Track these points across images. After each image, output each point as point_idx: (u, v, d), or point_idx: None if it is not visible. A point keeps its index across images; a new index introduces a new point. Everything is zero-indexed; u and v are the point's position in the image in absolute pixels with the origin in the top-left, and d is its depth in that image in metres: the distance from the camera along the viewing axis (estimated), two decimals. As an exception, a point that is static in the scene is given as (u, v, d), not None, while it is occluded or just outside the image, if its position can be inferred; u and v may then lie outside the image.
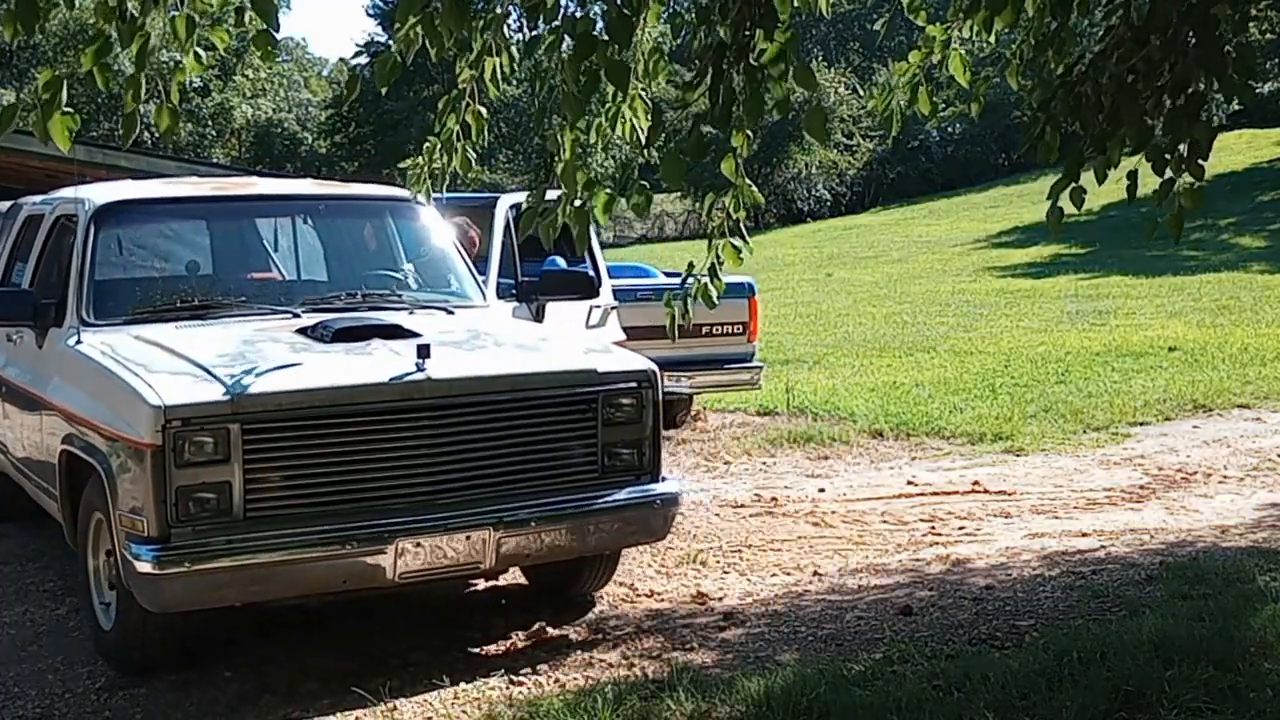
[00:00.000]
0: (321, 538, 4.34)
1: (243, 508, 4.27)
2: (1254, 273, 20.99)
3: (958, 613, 5.12)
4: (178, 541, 4.21)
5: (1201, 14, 3.53)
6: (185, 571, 4.20)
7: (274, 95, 58.29)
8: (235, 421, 4.24)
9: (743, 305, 9.22)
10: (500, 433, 4.66)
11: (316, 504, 4.38)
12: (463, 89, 4.42)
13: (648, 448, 4.96)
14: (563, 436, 4.81)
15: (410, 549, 4.42)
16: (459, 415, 4.59)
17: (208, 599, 4.37)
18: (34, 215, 6.59)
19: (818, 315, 18.11)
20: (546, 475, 4.76)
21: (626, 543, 5.30)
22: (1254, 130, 37.01)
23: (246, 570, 4.27)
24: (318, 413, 4.37)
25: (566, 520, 4.77)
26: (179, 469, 4.19)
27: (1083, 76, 3.80)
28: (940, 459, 8.28)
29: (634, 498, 4.91)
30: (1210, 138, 3.69)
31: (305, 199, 6.55)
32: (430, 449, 4.53)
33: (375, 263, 6.19)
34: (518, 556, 4.79)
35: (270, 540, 4.29)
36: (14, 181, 10.78)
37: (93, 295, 5.31)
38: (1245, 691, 3.97)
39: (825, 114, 4.30)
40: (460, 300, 5.91)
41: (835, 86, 46.72)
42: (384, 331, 4.95)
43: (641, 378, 4.95)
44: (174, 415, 4.19)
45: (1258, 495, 7.10)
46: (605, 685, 4.28)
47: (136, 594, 4.34)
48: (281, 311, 5.38)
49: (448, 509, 4.53)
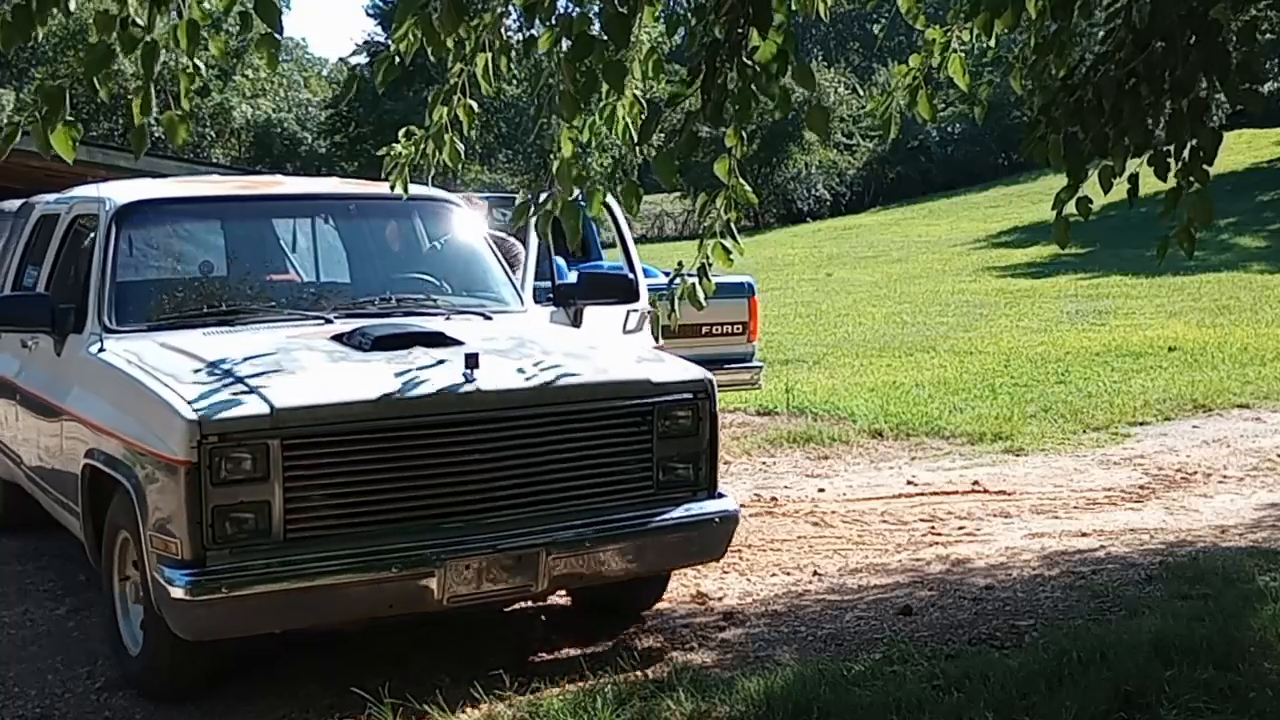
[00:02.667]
0: (367, 560, 4.12)
1: (283, 528, 4.05)
2: (1254, 273, 20.99)
3: (958, 613, 5.12)
4: (214, 565, 3.98)
5: (1202, 16, 3.52)
6: (222, 598, 3.97)
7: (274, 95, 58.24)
8: (275, 437, 4.01)
9: (742, 305, 9.20)
10: (552, 447, 4.44)
11: (360, 524, 4.16)
12: (454, 83, 4.38)
13: (704, 462, 4.73)
14: (616, 450, 4.59)
15: (460, 572, 4.22)
16: (509, 429, 4.36)
17: (246, 626, 4.14)
18: (48, 215, 6.37)
19: (817, 315, 18.11)
20: (599, 492, 4.54)
21: (683, 563, 5.14)
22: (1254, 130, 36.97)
23: (288, 596, 4.05)
24: (362, 427, 4.15)
25: (622, 540, 4.55)
26: (215, 488, 3.96)
27: (1084, 80, 3.79)
28: (940, 459, 8.28)
29: (691, 515, 4.68)
30: (1215, 143, 3.65)
31: (333, 198, 6.26)
32: (479, 464, 4.32)
33: (406, 265, 5.99)
34: (571, 579, 4.56)
35: (313, 563, 4.06)
36: (14, 181, 10.78)
37: (114, 300, 5.08)
38: (1245, 691, 3.97)
39: (827, 112, 4.27)
40: (497, 305, 5.67)
41: (835, 86, 46.70)
42: (426, 339, 4.74)
43: (698, 388, 4.73)
44: (210, 430, 3.96)
45: (1257, 495, 7.10)
46: (605, 685, 4.28)
47: (169, 620, 4.10)
48: (313, 317, 5.17)
49: (498, 528, 4.32)
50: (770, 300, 16.15)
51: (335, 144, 56.73)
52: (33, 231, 6.52)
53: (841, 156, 47.50)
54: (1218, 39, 3.54)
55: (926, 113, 4.48)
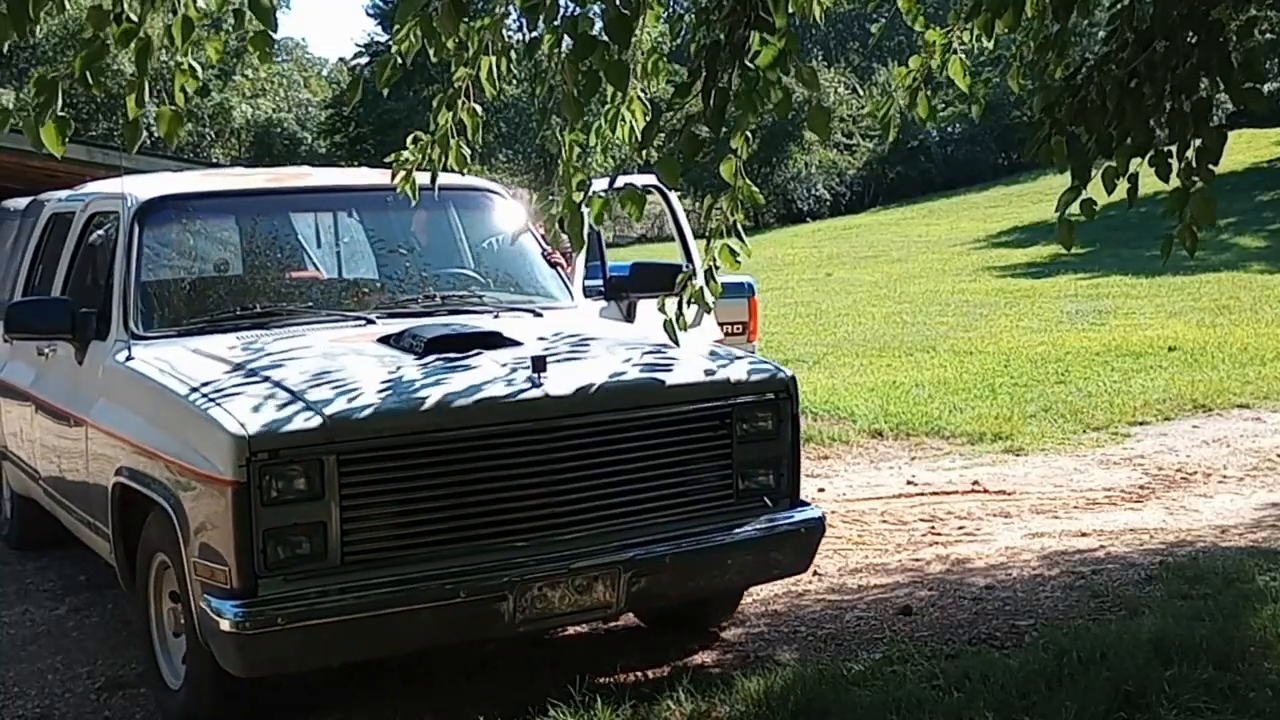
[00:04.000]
0: (433, 585, 3.80)
1: (340, 551, 3.72)
2: (1254, 272, 20.97)
3: (958, 612, 5.13)
4: (266, 593, 3.65)
5: (1203, 16, 3.52)
6: (278, 630, 3.63)
7: (274, 95, 58.26)
8: (331, 452, 3.70)
9: (742, 305, 9.18)
10: (626, 456, 4.15)
11: (422, 545, 3.86)
12: (459, 86, 4.37)
13: (786, 468, 4.45)
14: (695, 458, 4.29)
15: (533, 594, 3.92)
16: (581, 437, 4.06)
17: (303, 660, 3.84)
18: (61, 214, 6.04)
19: (817, 315, 18.10)
20: (677, 503, 4.24)
21: (767, 577, 4.87)
22: (1254, 130, 36.94)
23: (349, 626, 3.72)
24: (424, 439, 3.84)
25: (703, 556, 4.25)
26: (266, 509, 3.63)
27: (1087, 80, 3.79)
28: (940, 459, 8.28)
29: (776, 527, 4.39)
30: (1220, 142, 3.63)
31: (367, 190, 5.78)
32: (550, 477, 4.01)
33: (447, 259, 5.64)
34: (650, 597, 4.30)
35: (374, 590, 3.74)
36: (13, 181, 10.78)
37: (141, 303, 4.78)
38: (1245, 691, 3.97)
39: (828, 113, 4.26)
40: (546, 300, 5.35)
41: (835, 86, 46.70)
42: (483, 340, 4.41)
43: (779, 387, 4.44)
44: (260, 446, 3.64)
45: (1257, 495, 7.10)
46: (605, 685, 4.28)
47: (218, 656, 3.79)
48: (355, 318, 4.86)
49: (571, 546, 4.02)
50: (770, 300, 16.14)
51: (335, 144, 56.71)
52: (44, 231, 6.21)
53: (841, 156, 47.50)
54: (1219, 38, 3.54)
55: (926, 114, 4.47)
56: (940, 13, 4.61)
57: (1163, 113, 3.63)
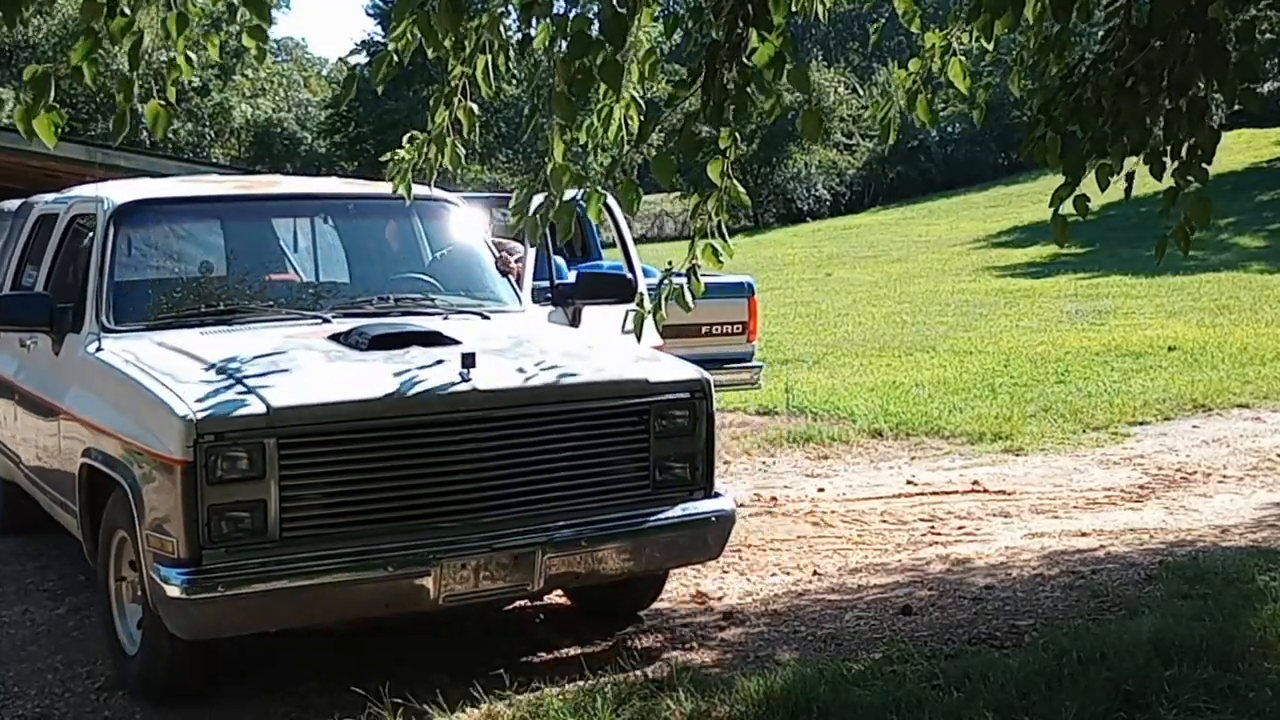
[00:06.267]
0: (362, 560, 4.12)
1: (278, 527, 4.05)
2: (1253, 272, 20.99)
3: (957, 612, 5.12)
4: (210, 564, 3.98)
5: (1200, 16, 3.52)
6: (218, 597, 3.96)
7: (273, 95, 58.27)
8: (271, 436, 4.02)
9: (742, 305, 9.20)
10: (548, 446, 4.45)
11: (356, 523, 4.17)
12: (455, 85, 4.39)
13: (701, 461, 4.74)
14: (613, 450, 4.60)
15: (455, 571, 4.23)
16: (506, 428, 4.37)
17: (241, 625, 4.16)
18: (47, 215, 6.35)
19: (817, 315, 18.10)
20: (596, 491, 4.55)
21: (679, 562, 5.14)
22: (1253, 130, 36.97)
23: (283, 595, 4.05)
24: (358, 426, 4.16)
25: (618, 539, 4.55)
26: (211, 486, 3.97)
27: (1083, 79, 3.79)
28: (940, 459, 8.28)
29: (688, 515, 4.69)
30: (1213, 142, 3.66)
31: (331, 198, 6.23)
32: (475, 464, 4.32)
33: (405, 265, 5.97)
34: (567, 578, 4.57)
35: (308, 562, 4.06)
36: (12, 181, 10.79)
37: (113, 299, 5.08)
38: (1245, 691, 3.97)
39: (821, 115, 4.28)
40: (495, 304, 5.67)
41: (835, 86, 46.70)
42: (423, 338, 4.74)
43: (695, 387, 4.73)
44: (206, 429, 3.97)
45: (1257, 495, 7.10)
46: (605, 685, 4.28)
47: (165, 619, 4.12)
48: (310, 316, 5.17)
49: (493, 528, 4.33)
50: (770, 300, 16.14)
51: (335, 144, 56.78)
52: (31, 231, 6.51)
53: (841, 156, 47.50)
54: (1216, 38, 3.54)
55: (926, 117, 4.46)
56: (939, 13, 4.59)
57: (1159, 112, 3.63)
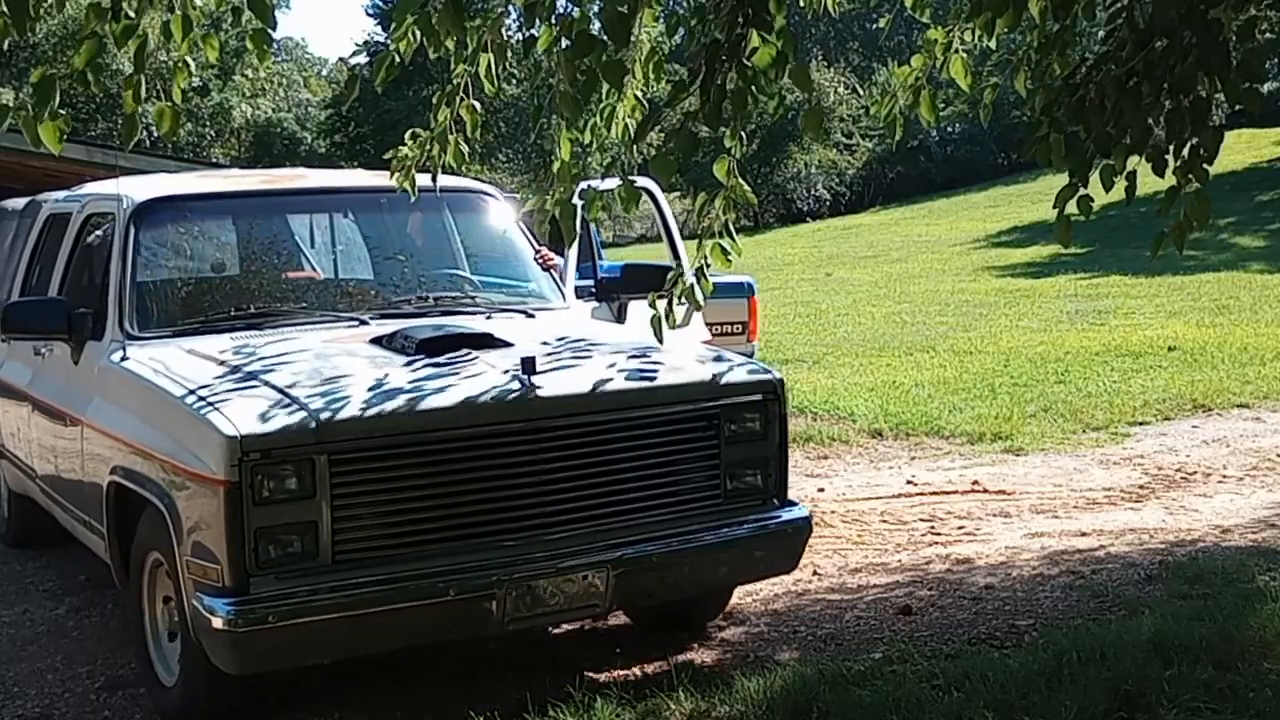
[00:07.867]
0: (423, 584, 3.83)
1: (330, 550, 3.75)
2: (1253, 272, 20.97)
3: (957, 612, 5.13)
4: (258, 592, 3.68)
5: (1202, 15, 3.52)
6: (270, 628, 3.66)
7: (273, 95, 58.26)
8: (322, 452, 3.73)
9: (742, 304, 9.20)
10: (615, 456, 4.17)
11: (413, 543, 3.88)
12: (457, 84, 4.38)
13: (774, 468, 4.46)
14: (682, 458, 4.31)
15: (522, 593, 3.96)
16: (570, 438, 4.08)
17: (294, 658, 3.89)
18: (58, 214, 6.03)
19: (817, 315, 18.09)
20: (665, 503, 4.27)
21: (754, 577, 4.91)
22: (1254, 130, 36.94)
23: (340, 624, 3.76)
24: (415, 440, 3.87)
25: (690, 555, 4.29)
26: (258, 508, 3.67)
27: (1086, 79, 3.79)
28: (940, 459, 8.28)
29: (763, 527, 4.43)
30: (1216, 142, 3.64)
31: (361, 192, 5.85)
32: (539, 477, 4.03)
33: (440, 261, 5.66)
34: (638, 596, 4.36)
35: (365, 588, 3.77)
36: (13, 181, 10.78)
37: (136, 304, 4.78)
38: (1245, 691, 3.97)
39: (822, 114, 4.25)
40: (538, 301, 5.37)
41: (835, 86, 46.68)
42: (474, 341, 4.42)
43: (767, 388, 4.46)
44: (252, 447, 3.67)
45: (1257, 495, 7.09)
46: (605, 685, 4.27)
47: (210, 653, 3.82)
48: (347, 318, 4.88)
49: (559, 545, 4.05)
50: (770, 300, 16.14)
51: (335, 144, 56.75)
52: (41, 231, 6.21)
53: (841, 156, 47.47)
54: (1218, 38, 3.54)
55: (929, 114, 4.45)
56: (942, 12, 4.60)
57: (1161, 111, 3.63)
